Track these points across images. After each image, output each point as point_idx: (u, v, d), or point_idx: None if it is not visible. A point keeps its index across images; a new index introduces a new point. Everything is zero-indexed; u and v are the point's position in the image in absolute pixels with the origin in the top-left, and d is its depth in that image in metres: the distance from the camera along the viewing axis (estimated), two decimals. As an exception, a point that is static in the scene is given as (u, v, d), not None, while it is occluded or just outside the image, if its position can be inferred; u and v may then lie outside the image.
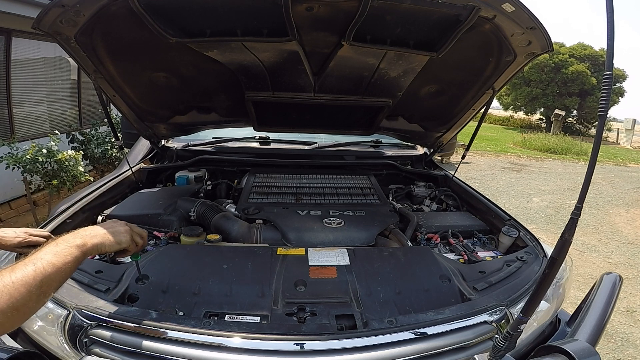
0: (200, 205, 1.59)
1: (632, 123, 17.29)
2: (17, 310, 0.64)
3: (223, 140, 2.39)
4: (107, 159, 4.72)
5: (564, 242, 0.70)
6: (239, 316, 1.02)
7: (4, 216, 4.32)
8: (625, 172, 9.96)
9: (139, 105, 1.82)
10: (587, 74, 18.31)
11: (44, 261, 0.71)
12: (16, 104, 4.58)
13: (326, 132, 2.34)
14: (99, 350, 0.90)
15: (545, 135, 14.82)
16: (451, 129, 2.09)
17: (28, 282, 0.66)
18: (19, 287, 0.65)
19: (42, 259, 0.71)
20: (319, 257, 1.25)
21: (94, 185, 1.80)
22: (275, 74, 1.63)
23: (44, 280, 0.69)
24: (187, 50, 1.43)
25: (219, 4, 1.21)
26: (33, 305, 0.68)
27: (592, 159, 0.66)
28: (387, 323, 0.95)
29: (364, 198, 1.84)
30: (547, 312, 1.22)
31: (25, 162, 3.42)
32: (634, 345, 2.66)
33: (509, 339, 0.78)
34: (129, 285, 1.07)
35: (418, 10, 1.21)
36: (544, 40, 1.30)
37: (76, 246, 0.79)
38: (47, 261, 0.71)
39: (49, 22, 1.20)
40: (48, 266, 0.70)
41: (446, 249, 1.52)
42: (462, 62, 1.59)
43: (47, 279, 0.69)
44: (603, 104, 0.64)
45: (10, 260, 1.17)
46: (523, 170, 9.12)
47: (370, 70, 1.59)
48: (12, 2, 3.94)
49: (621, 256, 4.27)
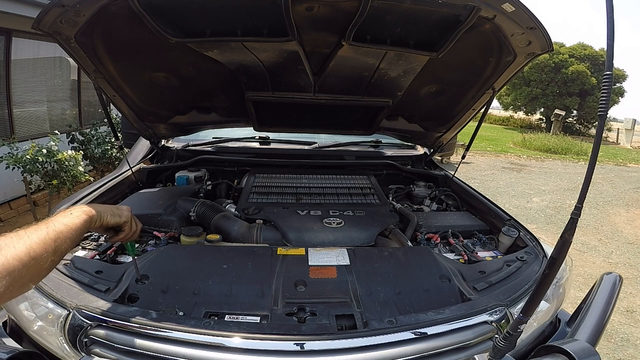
0: (200, 205, 1.59)
1: (632, 123, 17.29)
2: (34, 260, 0.70)
3: (223, 140, 2.39)
4: (107, 159, 4.72)
5: (564, 242, 0.70)
6: (239, 316, 1.02)
7: (4, 216, 4.32)
8: (625, 172, 9.96)
9: (139, 105, 1.82)
10: (587, 74, 18.31)
11: (56, 222, 0.80)
12: (16, 104, 4.58)
13: (326, 132, 2.34)
14: (99, 350, 0.91)
15: (545, 135, 14.82)
16: (451, 129, 2.09)
17: (42, 235, 0.74)
18: (34, 238, 0.72)
19: (55, 221, 0.80)
20: (319, 257, 1.25)
21: (94, 185, 1.80)
22: (275, 74, 1.63)
23: (58, 235, 0.77)
24: (187, 50, 1.43)
25: (219, 4, 1.21)
26: (49, 258, 0.74)
27: (592, 159, 0.66)
28: (387, 323, 0.95)
29: (364, 198, 1.84)
30: (547, 312, 1.22)
31: (25, 162, 3.42)
32: (634, 345, 2.66)
33: (509, 339, 0.78)
34: (129, 285, 1.07)
35: (418, 10, 1.21)
36: (544, 40, 1.30)
37: (83, 211, 0.88)
38: (59, 222, 0.80)
39: (49, 22, 1.20)
40: (60, 225, 0.79)
41: (446, 249, 1.52)
42: (462, 62, 1.59)
43: (61, 234, 0.78)
44: (603, 104, 0.64)
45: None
46: (523, 170, 9.12)
47: (370, 70, 1.59)
48: (12, 2, 3.94)
49: (621, 256, 4.27)
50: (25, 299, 1.03)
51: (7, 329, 1.13)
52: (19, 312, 1.03)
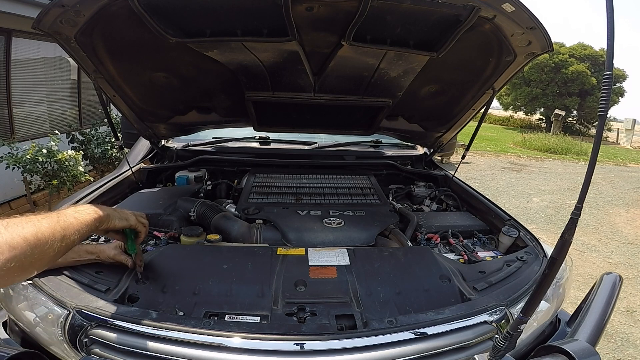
0: (200, 205, 1.59)
1: (632, 123, 17.29)
2: (40, 242, 0.71)
3: (223, 140, 2.39)
4: (107, 159, 4.72)
5: (564, 242, 0.70)
6: (239, 316, 1.01)
7: (4, 216, 4.31)
8: (625, 172, 9.96)
9: (139, 105, 1.82)
10: (587, 74, 18.32)
11: (67, 214, 0.82)
12: (16, 104, 4.58)
13: (326, 132, 2.34)
14: (99, 350, 0.90)
15: (545, 135, 14.83)
16: (451, 129, 2.09)
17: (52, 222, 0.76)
18: (44, 223, 0.74)
19: (66, 213, 0.82)
20: (319, 257, 1.25)
21: (94, 185, 1.80)
22: (275, 74, 1.63)
23: (67, 225, 0.79)
24: (187, 50, 1.43)
25: (219, 4, 1.20)
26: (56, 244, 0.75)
27: (592, 159, 0.66)
28: (387, 323, 0.95)
29: (364, 198, 1.83)
30: (547, 312, 1.22)
31: (25, 162, 3.43)
32: (634, 345, 2.66)
33: (509, 339, 0.78)
34: (129, 285, 1.07)
35: (418, 10, 1.21)
36: (544, 40, 1.30)
37: (93, 210, 0.90)
38: (70, 214, 0.82)
39: (49, 22, 1.20)
40: (70, 218, 0.81)
41: (446, 249, 1.52)
42: (462, 62, 1.59)
43: (71, 226, 0.80)
44: (603, 104, 0.64)
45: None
46: (523, 170, 9.12)
47: (370, 70, 1.58)
48: (12, 2, 3.94)
49: (621, 256, 4.27)
50: (25, 299, 1.03)
51: (7, 329, 1.13)
52: (19, 312, 1.03)
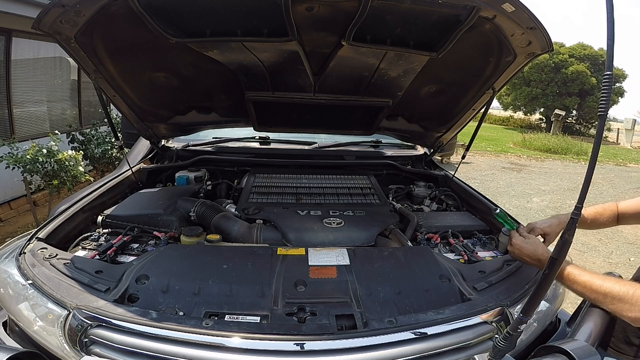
0: (200, 205, 1.59)
1: (632, 123, 17.29)
2: None
3: (223, 140, 2.39)
4: (107, 159, 4.72)
5: (564, 242, 0.70)
6: (239, 316, 1.01)
7: (4, 216, 4.32)
8: (625, 172, 9.97)
9: (139, 105, 1.82)
10: (587, 74, 18.31)
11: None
12: (16, 104, 4.58)
13: (326, 132, 2.34)
14: (99, 350, 0.91)
15: (545, 136, 14.82)
16: (451, 129, 2.09)
17: None
18: None
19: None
20: (319, 257, 1.25)
21: (94, 185, 1.80)
22: (275, 74, 1.63)
23: None
24: (187, 50, 1.43)
25: (219, 4, 1.21)
26: None
27: (592, 159, 0.67)
28: (387, 323, 0.95)
29: (364, 198, 1.83)
30: (547, 312, 1.22)
31: (25, 162, 3.42)
32: (634, 345, 2.65)
33: (509, 339, 0.78)
34: (129, 285, 1.07)
35: (418, 10, 1.21)
36: (544, 40, 1.30)
37: None
38: None
39: (49, 22, 1.20)
40: None
41: (446, 249, 1.52)
42: (462, 62, 1.59)
43: None
44: (603, 104, 0.64)
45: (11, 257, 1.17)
46: (523, 171, 9.12)
47: (370, 70, 1.59)
48: (12, 2, 3.94)
49: (621, 256, 4.27)
50: (26, 299, 1.03)
51: (7, 329, 1.13)
52: (19, 312, 1.03)
